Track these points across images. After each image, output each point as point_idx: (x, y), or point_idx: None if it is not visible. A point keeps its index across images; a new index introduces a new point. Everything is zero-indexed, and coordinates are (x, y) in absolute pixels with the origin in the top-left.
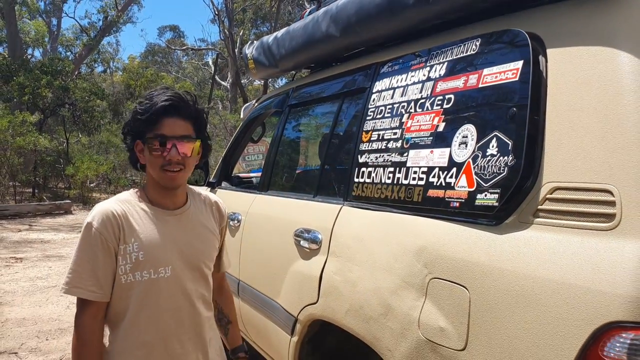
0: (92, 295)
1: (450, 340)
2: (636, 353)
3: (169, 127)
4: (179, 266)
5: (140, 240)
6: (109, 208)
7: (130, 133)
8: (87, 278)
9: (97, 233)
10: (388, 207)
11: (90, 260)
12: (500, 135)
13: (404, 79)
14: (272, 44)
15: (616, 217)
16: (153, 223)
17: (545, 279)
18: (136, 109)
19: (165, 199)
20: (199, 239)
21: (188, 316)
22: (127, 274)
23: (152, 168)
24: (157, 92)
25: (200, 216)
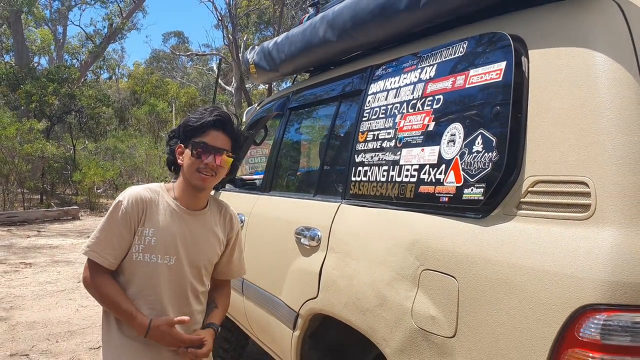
0: (105, 261)
1: (441, 328)
2: (609, 333)
3: (213, 138)
4: (182, 259)
5: (157, 228)
6: (139, 192)
7: (175, 137)
8: (105, 247)
9: (125, 211)
10: (383, 203)
11: (112, 232)
12: (485, 133)
13: (397, 81)
14: (272, 49)
15: (591, 207)
16: (171, 216)
17: (527, 267)
18: (189, 118)
19: (189, 198)
20: (205, 242)
21: (180, 305)
22: (138, 253)
23: (188, 168)
24: (210, 108)
25: (213, 223)
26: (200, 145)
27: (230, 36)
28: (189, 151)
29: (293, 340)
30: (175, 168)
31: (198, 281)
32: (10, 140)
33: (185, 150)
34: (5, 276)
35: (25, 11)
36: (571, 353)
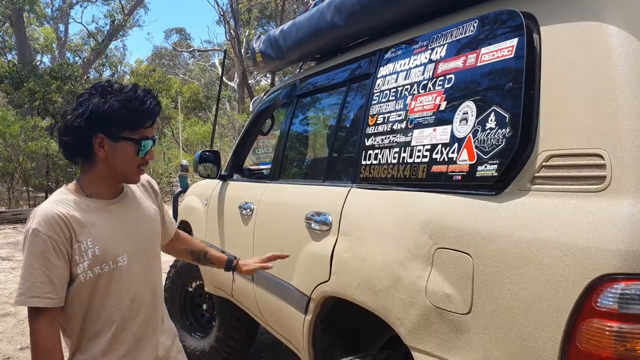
0: (50, 302)
1: (456, 305)
2: (627, 302)
3: (151, 130)
4: (133, 252)
5: (93, 236)
6: (52, 210)
7: (85, 125)
8: (42, 286)
9: (47, 238)
10: (395, 185)
11: (43, 267)
12: (498, 110)
13: (407, 62)
14: (279, 36)
15: (607, 179)
16: (99, 216)
17: (542, 241)
18: (112, 106)
19: (106, 190)
20: (144, 221)
21: (148, 296)
22: (85, 272)
23: (125, 165)
24: (141, 92)
25: (137, 198)
26: (144, 143)
27: (232, 32)
28: (129, 149)
29: (305, 324)
30: (85, 159)
31: (157, 265)
32: (14, 138)
33: (115, 144)
34: (13, 272)
35: (27, 9)
36: (589, 323)
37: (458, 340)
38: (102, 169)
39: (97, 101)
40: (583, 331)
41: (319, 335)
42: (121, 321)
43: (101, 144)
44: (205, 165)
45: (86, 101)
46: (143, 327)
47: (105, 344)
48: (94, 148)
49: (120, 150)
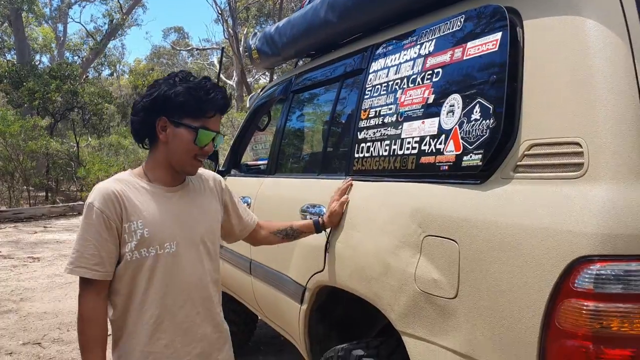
0: (96, 274)
1: (443, 290)
2: (602, 282)
3: (214, 123)
4: (183, 241)
5: (144, 217)
6: (109, 187)
7: (153, 108)
8: (90, 257)
9: (99, 212)
10: (386, 177)
11: (93, 240)
12: (482, 102)
13: (397, 57)
14: (274, 33)
15: (584, 166)
16: (154, 200)
17: (524, 226)
18: (183, 92)
19: (168, 177)
20: (201, 214)
21: (195, 290)
22: (132, 252)
23: (183, 154)
24: (209, 85)
25: (199, 192)
26: (202, 132)
27: (230, 30)
28: (187, 135)
29: (301, 314)
30: (149, 142)
31: (208, 259)
32: (14, 137)
33: (175, 129)
34: (15, 270)
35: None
36: (567, 303)
37: (445, 324)
38: (162, 153)
39: (165, 86)
40: (561, 311)
41: (315, 325)
42: (165, 309)
43: (164, 127)
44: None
45: (156, 85)
46: (189, 320)
47: (148, 331)
48: (157, 130)
49: (179, 136)
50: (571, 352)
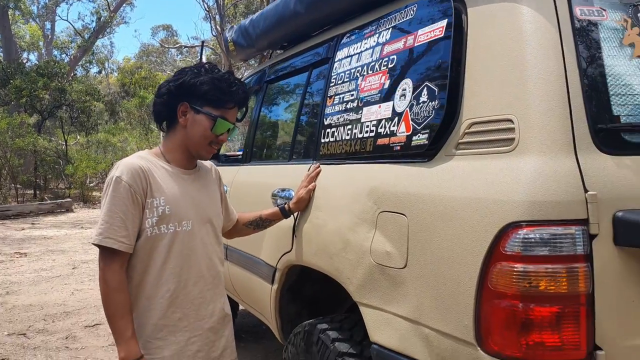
0: (122, 245)
1: (394, 261)
2: (529, 245)
3: (233, 115)
4: (197, 221)
5: (166, 195)
6: (135, 163)
7: (178, 92)
8: (118, 229)
9: (127, 186)
10: (348, 159)
11: (121, 212)
12: (430, 85)
13: (359, 46)
14: (249, 25)
15: (515, 141)
16: (174, 181)
17: (462, 198)
18: (208, 81)
19: (185, 161)
20: (209, 198)
21: (206, 268)
22: (153, 227)
23: (199, 138)
24: (233, 80)
25: (207, 178)
26: (220, 121)
27: (218, 27)
28: (206, 122)
29: (272, 293)
30: (169, 123)
31: (215, 239)
32: (1, 135)
33: (195, 115)
34: (1, 265)
35: (12, 6)
36: (498, 266)
37: (396, 293)
38: (180, 137)
39: (192, 74)
40: (493, 273)
41: (286, 305)
42: (180, 285)
43: (184, 112)
44: None
45: (184, 73)
46: (201, 295)
47: (163, 305)
48: (177, 114)
49: (198, 122)
50: (502, 311)
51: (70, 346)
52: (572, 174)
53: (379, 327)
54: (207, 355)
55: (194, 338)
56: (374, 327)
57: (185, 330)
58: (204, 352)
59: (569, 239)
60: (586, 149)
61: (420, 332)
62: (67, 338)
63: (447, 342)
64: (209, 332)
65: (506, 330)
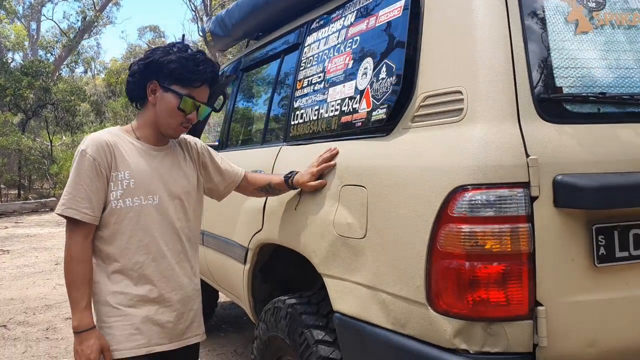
0: (85, 217)
1: (355, 232)
2: (475, 207)
3: (202, 94)
4: (164, 196)
5: (131, 169)
6: (102, 137)
7: (148, 71)
8: (81, 201)
9: (91, 159)
10: (315, 139)
11: (84, 185)
12: (388, 62)
13: (326, 30)
14: (225, 15)
15: (464, 111)
16: (142, 156)
17: (415, 167)
18: (175, 59)
19: (155, 138)
20: (179, 175)
21: (173, 242)
22: (117, 200)
23: (167, 118)
24: (201, 58)
25: (179, 155)
26: (190, 102)
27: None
28: (173, 101)
29: (245, 274)
30: (140, 104)
31: (184, 217)
32: None
33: (163, 94)
34: None
35: None
36: (446, 228)
37: (357, 262)
38: (150, 114)
39: (161, 52)
40: (442, 235)
41: (258, 285)
42: (149, 257)
43: (153, 90)
44: None
45: (153, 52)
46: (170, 268)
47: (132, 277)
48: (147, 92)
49: (166, 100)
50: (450, 271)
51: (50, 337)
52: (515, 140)
53: (341, 296)
54: (175, 327)
55: (162, 309)
56: (336, 296)
57: (155, 300)
58: (172, 323)
59: (512, 200)
60: (529, 117)
61: (378, 298)
62: (47, 329)
63: (401, 305)
64: (178, 304)
65: (453, 289)
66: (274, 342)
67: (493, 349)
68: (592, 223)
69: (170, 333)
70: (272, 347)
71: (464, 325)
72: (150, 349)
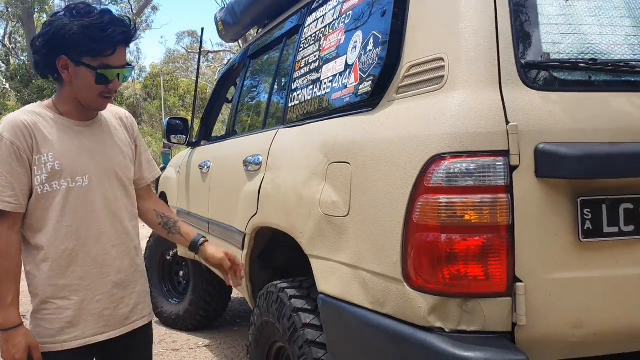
0: (9, 206)
1: (339, 210)
2: (451, 176)
3: (119, 58)
4: (96, 175)
5: (55, 150)
6: (18, 118)
7: (58, 45)
8: (2, 189)
9: (9, 144)
10: (309, 119)
11: (4, 172)
12: (376, 33)
13: (324, 9)
14: (235, 3)
15: (444, 78)
16: (66, 134)
17: (395, 137)
18: (73, 28)
19: (78, 112)
20: (113, 150)
21: (109, 224)
22: (43, 184)
23: (87, 93)
24: (105, 19)
25: (111, 128)
26: (102, 72)
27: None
28: (89, 75)
29: (242, 259)
30: (54, 78)
31: (122, 194)
32: None
33: (76, 68)
34: None
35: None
36: (422, 199)
37: (340, 241)
38: (68, 91)
39: (61, 23)
40: (417, 207)
41: (257, 272)
42: (79, 242)
43: (65, 66)
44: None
45: (53, 22)
46: (104, 252)
47: (63, 264)
48: (59, 69)
49: (80, 75)
50: (425, 244)
51: None
52: (494, 107)
53: (325, 277)
54: (114, 313)
55: (98, 296)
56: (320, 277)
57: (88, 289)
58: (111, 310)
59: (489, 170)
60: (512, 84)
61: (358, 277)
62: None
63: (380, 283)
64: (115, 289)
65: (427, 263)
66: (266, 328)
67: (469, 328)
68: (577, 196)
69: (109, 320)
70: (265, 333)
71: (439, 302)
72: (87, 341)
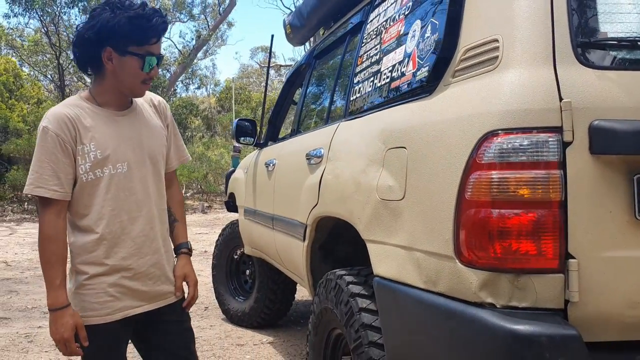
0: (55, 194)
1: (395, 194)
2: (504, 153)
3: (157, 47)
4: (134, 162)
5: (97, 140)
6: (62, 111)
7: (104, 37)
8: (48, 178)
9: (54, 135)
10: (369, 110)
11: (50, 162)
12: (434, 20)
13: (387, 3)
14: (302, 6)
15: (499, 58)
16: (105, 124)
17: (449, 119)
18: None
19: (116, 102)
20: (149, 136)
21: (146, 207)
22: (87, 173)
23: (131, 80)
24: (149, 11)
25: (145, 115)
26: (148, 59)
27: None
28: (135, 63)
29: (304, 250)
30: (95, 70)
31: (156, 179)
32: None
33: (122, 58)
34: None
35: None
36: (475, 176)
37: (396, 224)
38: (110, 81)
39: (107, 16)
40: (469, 184)
41: (318, 264)
42: (121, 225)
43: (109, 57)
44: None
45: (97, 15)
46: (143, 234)
47: (106, 246)
48: (103, 60)
49: (126, 64)
50: (477, 220)
51: None
52: (548, 84)
53: (381, 259)
54: (151, 289)
55: (138, 274)
56: (376, 260)
57: (129, 268)
58: (148, 287)
59: (542, 146)
60: (567, 62)
61: (412, 257)
62: None
63: (432, 262)
64: (152, 268)
65: (479, 238)
66: (325, 315)
67: (521, 304)
68: (633, 173)
69: (147, 295)
70: (324, 320)
71: (490, 277)
72: (126, 313)
